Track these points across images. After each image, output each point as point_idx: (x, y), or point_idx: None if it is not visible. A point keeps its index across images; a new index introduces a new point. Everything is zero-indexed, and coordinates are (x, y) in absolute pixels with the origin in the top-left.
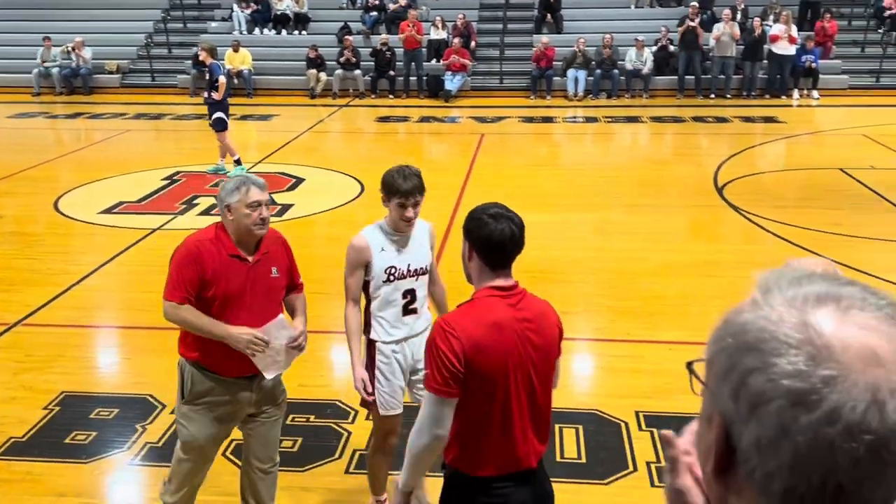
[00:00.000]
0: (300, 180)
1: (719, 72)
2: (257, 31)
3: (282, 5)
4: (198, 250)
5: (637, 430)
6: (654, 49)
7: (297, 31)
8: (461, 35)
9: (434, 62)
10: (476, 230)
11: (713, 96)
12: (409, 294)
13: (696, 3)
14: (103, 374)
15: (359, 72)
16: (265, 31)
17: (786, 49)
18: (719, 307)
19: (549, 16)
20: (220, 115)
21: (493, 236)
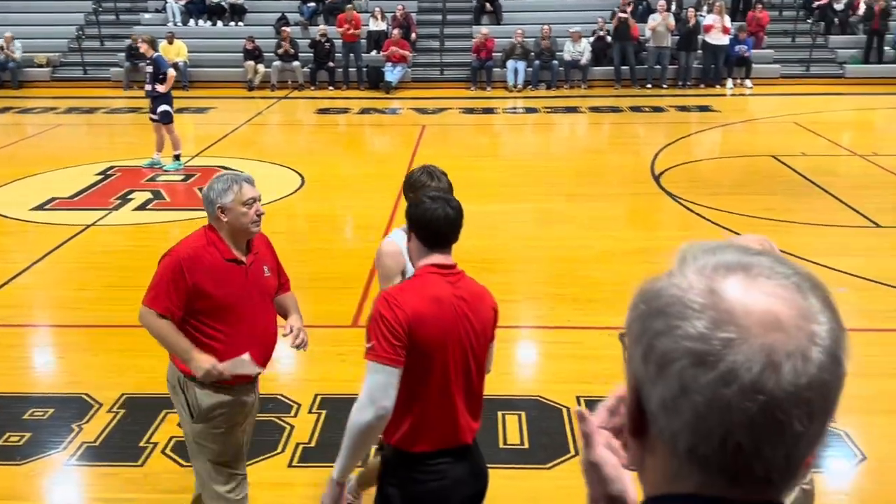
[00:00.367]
0: None
1: (655, 62)
2: (192, 22)
3: None
4: (192, 261)
5: (577, 421)
6: (591, 40)
7: (233, 23)
8: (401, 26)
9: (374, 53)
10: (414, 210)
11: (650, 86)
12: None
13: None
14: (37, 373)
15: (297, 63)
16: (200, 22)
17: (719, 39)
18: None
19: (487, 6)
20: (166, 107)
21: (427, 216)
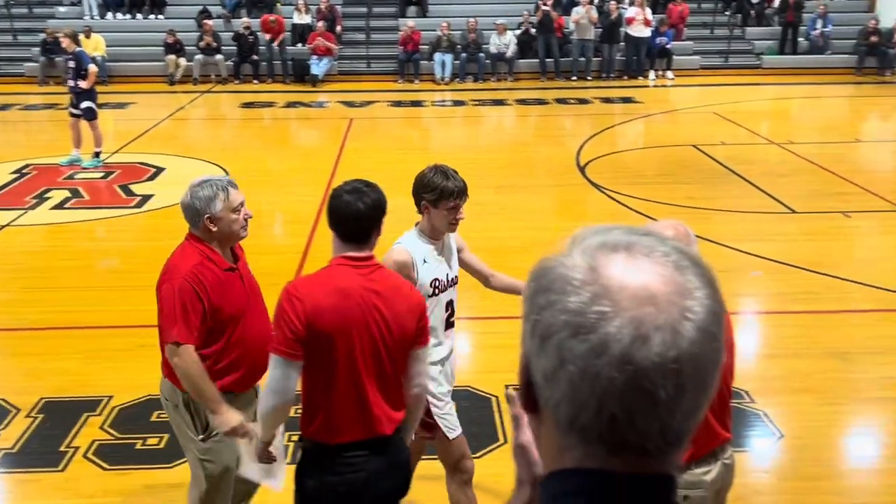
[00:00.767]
0: (160, 170)
1: (579, 54)
2: (110, 15)
3: None
4: (198, 280)
5: (507, 404)
6: (516, 33)
7: (152, 15)
8: (325, 19)
9: (299, 46)
10: (331, 204)
11: (575, 78)
12: (450, 306)
13: None
14: None
15: (220, 57)
16: (118, 15)
17: (641, 31)
18: None
19: None
20: (90, 104)
21: (339, 210)
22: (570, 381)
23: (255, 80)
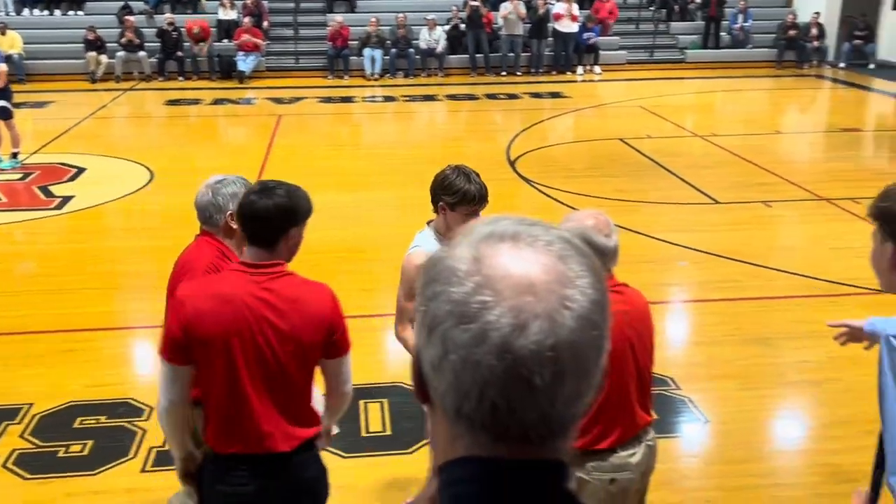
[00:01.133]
0: (81, 170)
1: (508, 50)
2: (26, 11)
3: None
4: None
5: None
6: (446, 28)
7: (71, 11)
8: (252, 14)
9: (225, 42)
10: (240, 201)
11: (504, 74)
12: None
13: None
14: None
15: (143, 53)
16: (35, 11)
17: (569, 27)
18: None
19: None
20: (4, 103)
21: (242, 208)
22: (453, 371)
23: (181, 78)
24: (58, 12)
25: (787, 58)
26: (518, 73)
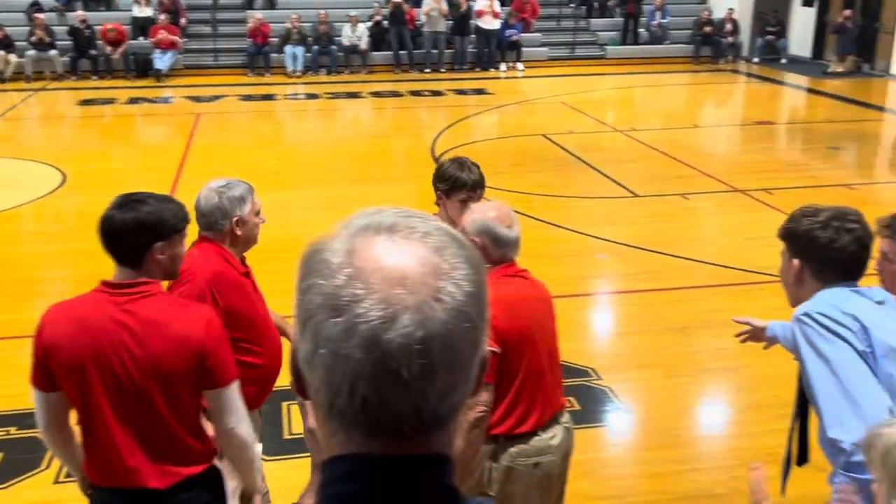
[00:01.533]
0: None
1: (431, 46)
2: None
3: None
4: (218, 280)
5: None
6: (368, 25)
7: None
8: (168, 11)
9: (141, 40)
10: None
11: (428, 71)
12: None
13: None
14: None
15: (55, 52)
16: None
17: (491, 24)
18: None
19: None
20: None
21: (99, 225)
22: (324, 365)
23: (95, 76)
24: None
25: (703, 53)
26: (442, 70)
